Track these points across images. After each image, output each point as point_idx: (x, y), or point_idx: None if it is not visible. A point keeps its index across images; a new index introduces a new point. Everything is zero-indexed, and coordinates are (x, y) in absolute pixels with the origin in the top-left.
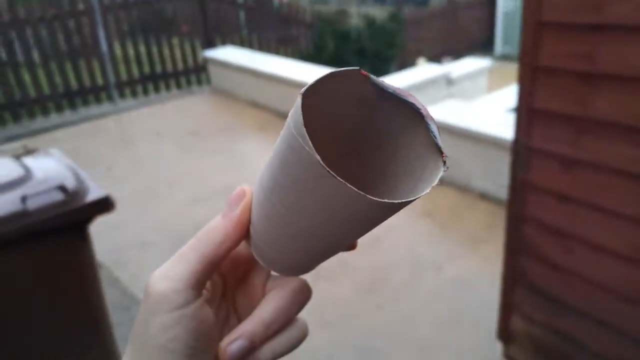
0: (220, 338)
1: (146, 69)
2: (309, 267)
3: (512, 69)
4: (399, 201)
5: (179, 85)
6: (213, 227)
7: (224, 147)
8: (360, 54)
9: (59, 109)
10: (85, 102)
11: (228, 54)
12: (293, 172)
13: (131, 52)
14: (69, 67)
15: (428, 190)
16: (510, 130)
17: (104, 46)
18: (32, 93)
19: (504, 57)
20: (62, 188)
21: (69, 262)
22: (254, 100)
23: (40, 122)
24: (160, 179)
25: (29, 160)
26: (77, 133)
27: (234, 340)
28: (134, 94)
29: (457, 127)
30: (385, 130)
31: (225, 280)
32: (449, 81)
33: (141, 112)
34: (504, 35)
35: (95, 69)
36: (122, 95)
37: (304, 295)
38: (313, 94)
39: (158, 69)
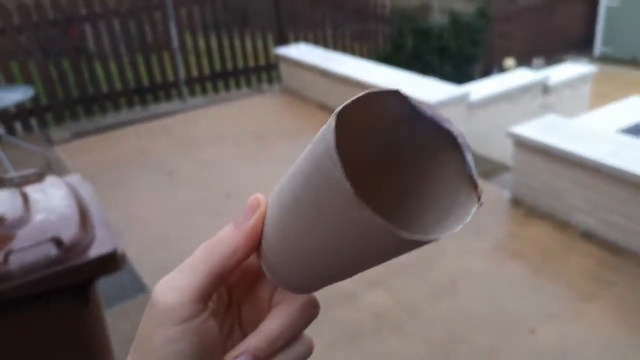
0: (224, 351)
1: (217, 65)
2: (316, 288)
3: (615, 73)
4: (429, 238)
5: (249, 83)
6: (224, 238)
7: (288, 154)
8: (441, 52)
9: (131, 104)
10: (156, 98)
11: (300, 51)
12: (318, 194)
13: (202, 45)
14: (140, 62)
15: (459, 227)
16: (623, 157)
17: (175, 41)
18: (105, 88)
19: (604, 59)
20: (56, 241)
21: (66, 329)
22: (324, 102)
23: (111, 117)
24: (218, 189)
25: (35, 193)
26: (145, 131)
27: (239, 355)
28: (204, 91)
29: (557, 149)
30: (416, 153)
31: (231, 291)
32: (545, 89)
33: (209, 110)
34: (605, 34)
35: (167, 65)
36: (191, 92)
37: (311, 311)
38: (348, 113)
39: (229, 65)
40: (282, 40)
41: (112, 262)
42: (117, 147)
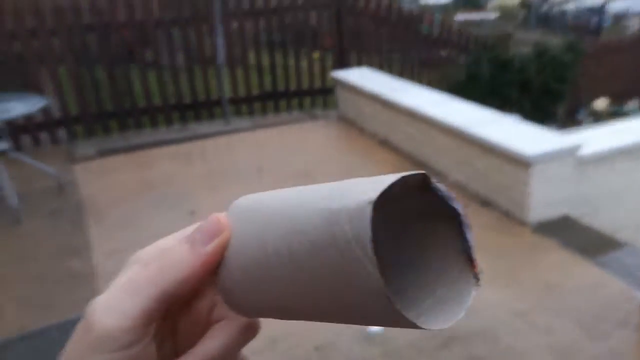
0: None
1: (267, 85)
2: (269, 317)
3: None
4: (436, 328)
5: (301, 106)
6: (178, 261)
7: None
8: (523, 87)
9: (169, 122)
10: (198, 117)
11: (362, 76)
12: (330, 270)
13: (253, 61)
14: (183, 77)
15: (461, 315)
16: None
17: (220, 57)
18: (142, 102)
19: None
20: None
21: None
22: (384, 137)
23: (146, 135)
24: None
25: None
26: (179, 154)
27: None
28: (251, 112)
29: None
30: (418, 224)
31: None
32: None
33: (253, 135)
34: None
35: (212, 81)
36: (237, 112)
37: (252, 332)
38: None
39: (280, 85)
40: (343, 62)
41: None
42: (143, 171)
